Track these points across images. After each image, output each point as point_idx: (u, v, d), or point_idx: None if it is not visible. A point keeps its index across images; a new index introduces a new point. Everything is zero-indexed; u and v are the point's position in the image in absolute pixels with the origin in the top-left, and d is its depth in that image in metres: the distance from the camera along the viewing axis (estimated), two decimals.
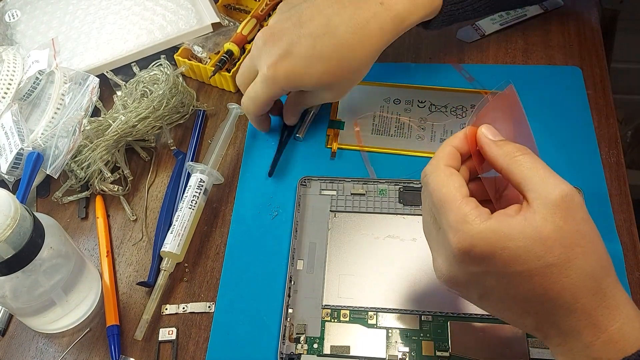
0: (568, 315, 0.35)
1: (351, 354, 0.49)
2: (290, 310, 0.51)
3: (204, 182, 0.57)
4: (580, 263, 0.34)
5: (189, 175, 0.59)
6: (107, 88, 0.68)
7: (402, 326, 0.50)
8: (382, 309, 0.51)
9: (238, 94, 0.67)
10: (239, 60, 0.65)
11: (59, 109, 0.62)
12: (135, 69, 0.67)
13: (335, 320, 0.50)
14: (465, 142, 0.40)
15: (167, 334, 0.52)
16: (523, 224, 0.34)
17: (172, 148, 0.63)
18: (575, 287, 0.34)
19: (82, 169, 0.59)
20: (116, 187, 0.60)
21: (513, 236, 0.34)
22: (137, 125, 0.60)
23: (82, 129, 0.59)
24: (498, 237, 0.34)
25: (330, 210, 0.56)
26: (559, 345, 0.37)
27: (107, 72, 0.67)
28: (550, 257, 0.34)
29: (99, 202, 0.60)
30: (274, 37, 0.53)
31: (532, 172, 0.36)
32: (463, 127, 0.60)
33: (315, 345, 0.49)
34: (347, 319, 0.50)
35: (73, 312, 0.52)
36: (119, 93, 0.66)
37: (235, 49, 0.65)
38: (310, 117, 0.63)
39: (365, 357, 0.48)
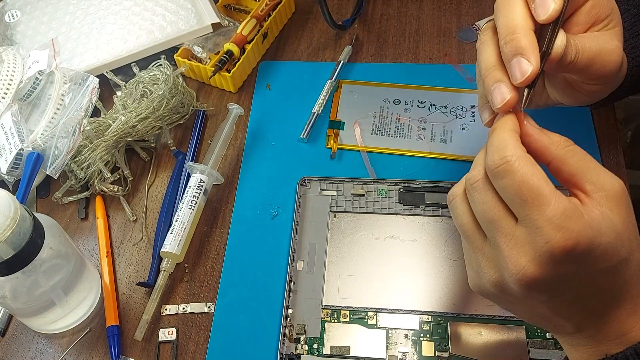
0: (617, 306, 0.34)
1: (351, 354, 0.49)
2: (290, 311, 0.51)
3: (203, 182, 0.57)
4: (637, 255, 0.34)
5: (188, 176, 0.59)
6: (107, 88, 0.68)
7: (402, 326, 0.50)
8: (382, 309, 0.51)
9: (238, 94, 0.67)
10: (239, 60, 0.65)
11: (58, 109, 0.61)
12: (135, 69, 0.67)
13: (335, 321, 0.50)
14: (517, 128, 0.36)
15: (167, 334, 0.52)
16: (602, 218, 0.33)
17: (172, 148, 0.63)
18: (632, 278, 0.34)
19: (82, 169, 0.59)
20: (116, 187, 0.60)
21: (602, 232, 0.32)
22: (137, 125, 0.60)
23: (82, 129, 0.59)
24: (595, 234, 0.32)
25: (330, 211, 0.56)
26: (590, 336, 0.35)
27: (107, 72, 0.67)
28: (623, 252, 0.33)
29: (98, 203, 0.60)
30: None
31: (588, 164, 0.34)
32: (463, 128, 0.61)
33: (315, 346, 0.49)
34: (347, 320, 0.50)
35: (73, 312, 0.52)
36: (118, 93, 0.66)
37: (235, 49, 0.65)
38: (314, 118, 0.63)
39: (365, 358, 0.48)
